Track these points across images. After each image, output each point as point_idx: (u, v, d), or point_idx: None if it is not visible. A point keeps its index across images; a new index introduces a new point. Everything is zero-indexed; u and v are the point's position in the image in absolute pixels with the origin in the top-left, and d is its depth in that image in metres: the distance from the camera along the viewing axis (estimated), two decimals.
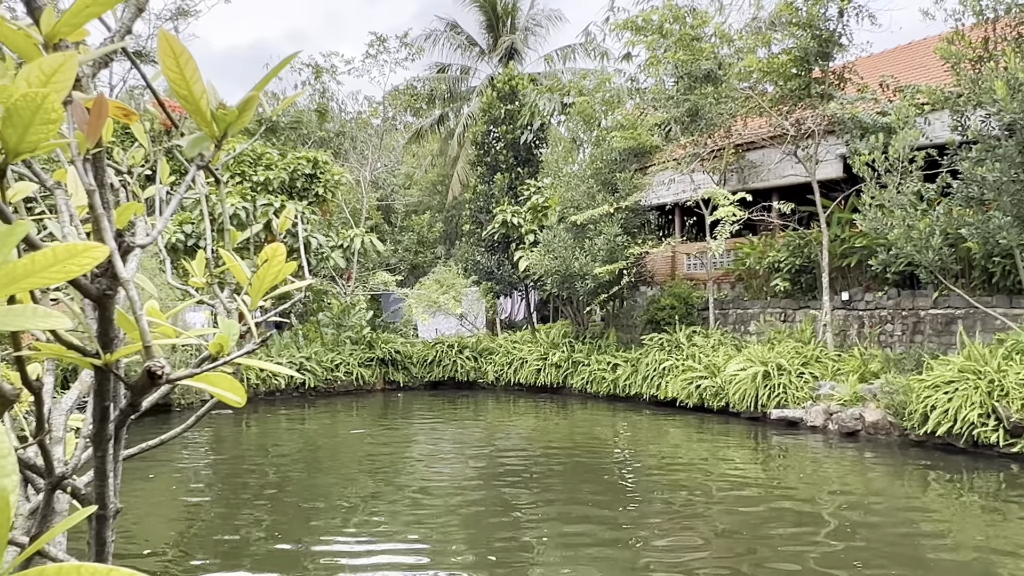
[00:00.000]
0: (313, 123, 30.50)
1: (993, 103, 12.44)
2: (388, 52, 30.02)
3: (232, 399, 1.05)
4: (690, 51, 17.40)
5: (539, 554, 7.77)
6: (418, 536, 8.39)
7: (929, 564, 7.31)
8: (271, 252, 1.29)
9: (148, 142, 1.64)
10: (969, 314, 14.18)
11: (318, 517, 9.21)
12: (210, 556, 7.79)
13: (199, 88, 1.01)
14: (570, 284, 19.68)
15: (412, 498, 10.15)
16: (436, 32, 34.66)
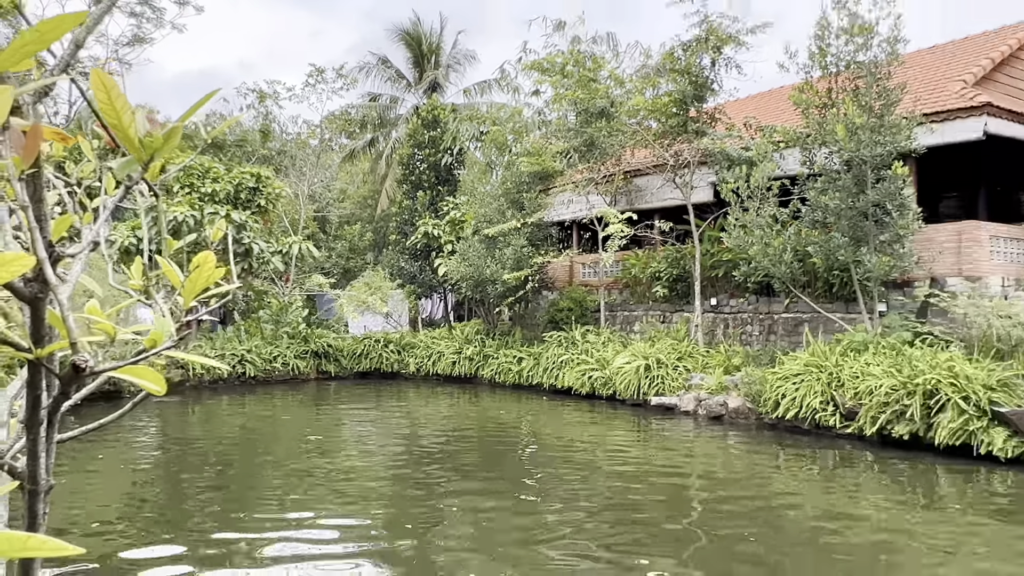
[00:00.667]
0: (257, 142, 29.73)
1: (835, 143, 12.85)
2: (325, 82, 29.49)
3: (154, 389, 1.03)
4: (587, 91, 17.57)
5: (450, 522, 7.73)
6: (345, 509, 8.24)
7: (778, 524, 7.54)
8: (201, 259, 1.25)
9: (95, 158, 1.59)
10: (814, 318, 14.65)
11: (255, 493, 8.96)
12: (154, 530, 7.51)
13: (128, 118, 0.99)
14: (482, 288, 19.66)
15: (341, 475, 9.98)
16: (369, 65, 34.20)
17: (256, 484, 9.45)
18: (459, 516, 7.95)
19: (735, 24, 15.51)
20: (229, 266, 1.65)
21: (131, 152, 1.03)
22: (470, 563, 6.42)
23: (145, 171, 1.06)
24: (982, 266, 13.27)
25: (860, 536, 7.13)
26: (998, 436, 9.81)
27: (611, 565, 6.33)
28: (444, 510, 8.20)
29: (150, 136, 1.03)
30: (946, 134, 13.61)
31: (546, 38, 18.70)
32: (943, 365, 10.66)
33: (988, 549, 6.77)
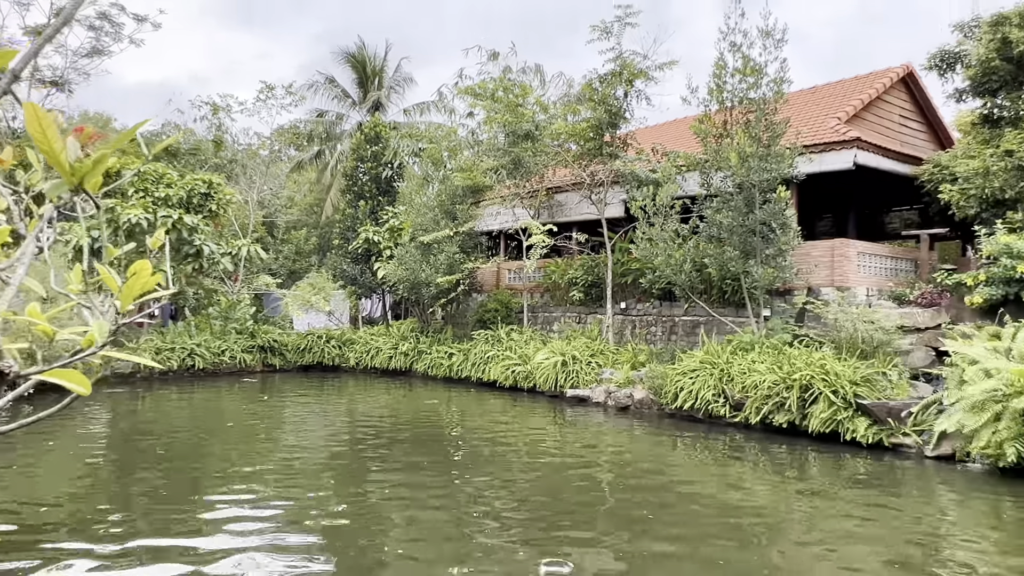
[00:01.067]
0: (210, 151, 28.87)
1: (729, 168, 13.29)
2: (275, 98, 28.84)
3: (79, 390, 1.06)
4: (515, 115, 17.70)
5: (382, 502, 7.71)
6: (286, 490, 8.13)
7: (674, 500, 7.77)
8: (138, 267, 1.26)
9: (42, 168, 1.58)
10: (709, 321, 15.09)
11: (200, 477, 8.76)
12: (104, 511, 7.27)
13: (59, 145, 1.02)
14: (418, 290, 19.58)
15: (282, 459, 9.83)
16: (317, 84, 33.65)
17: (199, 467, 9.23)
18: (388, 496, 7.93)
19: (645, 61, 15.89)
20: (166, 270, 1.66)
21: (63, 176, 1.06)
22: (397, 541, 6.44)
23: (76, 193, 1.09)
24: (850, 278, 13.92)
25: (744, 509, 7.42)
26: (861, 425, 10.33)
27: (527, 539, 6.43)
28: (375, 490, 8.17)
29: (80, 162, 1.05)
30: (823, 163, 14.24)
31: (480, 66, 18.77)
32: (817, 363, 11.16)
33: (848, 517, 7.14)
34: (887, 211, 20.94)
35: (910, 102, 18.43)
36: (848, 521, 7.12)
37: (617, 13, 15.48)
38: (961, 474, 8.88)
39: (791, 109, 15.07)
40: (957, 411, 9.15)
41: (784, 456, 10.08)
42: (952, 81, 15.37)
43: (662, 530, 6.75)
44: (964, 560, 6.05)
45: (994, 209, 13.36)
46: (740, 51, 13.44)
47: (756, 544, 6.39)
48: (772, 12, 13.29)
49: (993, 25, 13.52)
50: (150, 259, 1.37)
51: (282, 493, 7.95)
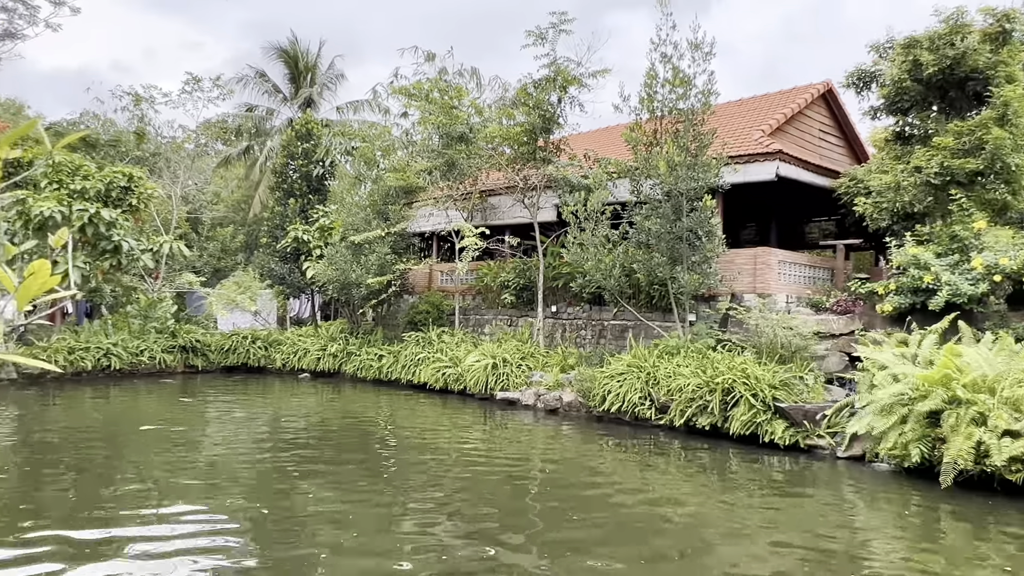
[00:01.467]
0: (131, 143, 27.76)
1: (658, 176, 13.57)
2: (202, 90, 27.98)
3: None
4: (449, 117, 17.67)
5: (308, 506, 7.56)
6: (206, 496, 7.88)
7: (598, 500, 7.88)
8: (36, 267, 1.21)
9: None
10: (637, 325, 15.38)
11: (115, 484, 8.41)
12: (10, 523, 6.89)
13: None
14: (348, 290, 19.31)
15: (203, 463, 9.53)
16: (247, 77, 32.79)
17: (112, 473, 8.86)
18: (313, 500, 7.79)
19: (579, 68, 16.09)
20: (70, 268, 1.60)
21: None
22: (321, 546, 6.33)
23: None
24: (772, 285, 14.42)
25: (666, 508, 7.59)
26: (779, 427, 10.70)
27: (456, 540, 6.41)
28: (300, 495, 8.00)
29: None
30: (747, 174, 14.71)
31: (416, 66, 18.65)
32: (738, 367, 11.50)
33: (764, 515, 7.40)
34: (807, 221, 21.79)
35: (829, 117, 19.24)
36: (764, 518, 7.37)
37: (552, 20, 15.65)
38: (870, 474, 9.31)
39: (718, 120, 15.51)
40: (867, 414, 9.58)
41: (706, 457, 10.35)
42: (868, 99, 16.13)
43: (586, 529, 6.84)
44: (872, 554, 6.35)
45: (904, 222, 14.06)
46: (670, 62, 13.76)
47: (678, 542, 6.54)
48: (701, 26, 13.70)
49: (905, 47, 14.25)
50: (53, 257, 1.32)
51: (201, 499, 7.70)
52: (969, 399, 8.45)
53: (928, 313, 11.65)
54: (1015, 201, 13.40)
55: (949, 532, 7.23)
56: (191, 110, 39.26)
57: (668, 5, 13.76)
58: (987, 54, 13.54)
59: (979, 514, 7.57)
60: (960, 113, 14.35)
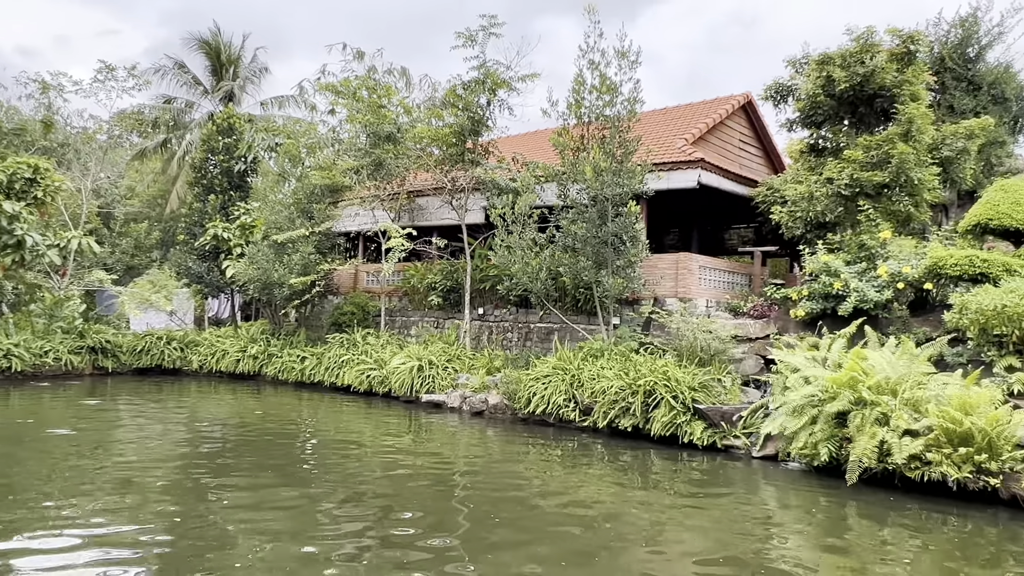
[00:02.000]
0: (38, 132, 26.34)
1: (584, 181, 13.76)
2: (116, 80, 26.77)
3: None
4: (377, 116, 17.47)
5: (224, 514, 7.33)
6: (113, 506, 7.54)
7: (522, 501, 7.93)
8: None
9: None
10: (562, 327, 15.55)
11: (12, 494, 7.94)
12: None
13: None
14: (270, 291, 18.83)
15: (110, 471, 9.11)
16: (165, 68, 31.56)
17: (7, 482, 8.37)
18: (230, 506, 7.56)
19: (508, 72, 16.16)
20: None
21: None
22: (238, 556, 6.15)
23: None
24: (692, 290, 14.83)
25: (587, 509, 7.70)
26: (697, 428, 11.01)
27: (379, 543, 6.34)
28: (216, 501, 7.76)
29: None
30: (671, 181, 15.07)
31: (345, 63, 18.36)
32: (660, 370, 11.77)
33: (682, 513, 7.60)
34: (727, 228, 22.50)
35: (749, 128, 19.93)
36: (681, 517, 7.57)
37: (482, 23, 15.67)
38: (782, 472, 9.68)
39: (643, 128, 15.84)
40: (780, 415, 9.96)
41: (628, 458, 10.55)
42: (784, 112, 16.80)
43: (510, 530, 6.87)
44: (783, 548, 6.60)
45: (817, 230, 14.69)
46: (598, 69, 13.97)
47: (598, 542, 6.64)
48: (628, 35, 13.94)
49: (820, 64, 14.90)
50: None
51: (107, 510, 7.36)
52: (873, 400, 8.89)
53: (838, 318, 12.20)
54: (918, 213, 14.19)
55: (854, 527, 7.58)
56: (104, 100, 37.46)
57: (596, 13, 13.99)
58: (894, 73, 14.28)
59: (881, 509, 7.97)
60: (869, 128, 15.10)
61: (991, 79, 18.42)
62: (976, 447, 8.01)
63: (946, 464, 8.06)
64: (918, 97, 14.42)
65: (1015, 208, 11.53)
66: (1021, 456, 7.94)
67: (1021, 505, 7.86)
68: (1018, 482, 7.89)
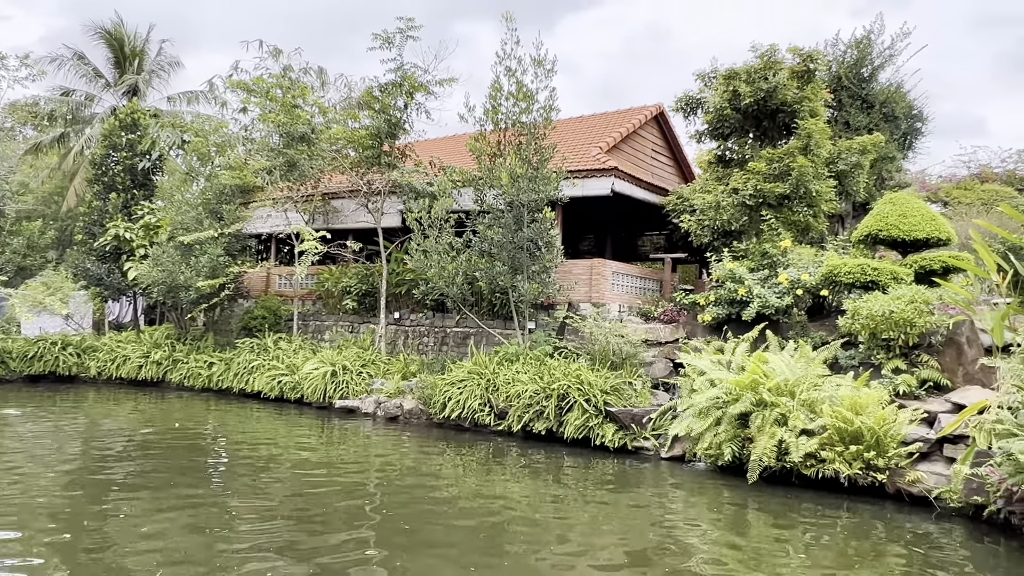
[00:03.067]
0: None
1: (500, 187, 13.88)
2: (7, 68, 25.19)
3: None
4: (290, 116, 17.09)
5: (124, 530, 7.00)
6: (9, 521, 7.09)
7: (440, 504, 7.91)
8: None
9: None
10: (478, 332, 15.60)
11: None
12: None
13: None
14: (175, 294, 18.10)
15: (3, 485, 8.56)
16: (62, 58, 29.87)
17: None
18: (131, 523, 7.23)
19: (426, 75, 16.12)
20: None
21: None
22: (139, 573, 5.90)
23: None
24: (606, 295, 15.14)
25: (501, 512, 7.75)
26: (609, 430, 11.25)
27: (290, 552, 6.19)
28: (114, 518, 7.40)
29: None
30: (585, 188, 15.37)
31: (260, 60, 17.83)
32: (573, 374, 11.98)
33: (593, 515, 7.75)
34: (639, 235, 23.07)
35: (661, 138, 20.53)
36: (592, 517, 7.72)
37: (399, 25, 15.58)
38: (689, 472, 10.01)
39: (559, 135, 16.10)
40: (687, 417, 10.30)
41: (541, 461, 10.68)
42: (694, 123, 17.36)
43: (421, 534, 6.84)
44: (687, 544, 6.83)
45: (724, 238, 15.26)
46: (515, 76, 14.13)
47: (510, 545, 6.70)
48: (544, 43, 14.15)
49: (727, 78, 15.49)
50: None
51: (5, 524, 6.92)
52: (773, 402, 9.31)
53: (742, 323, 12.71)
54: (816, 223, 14.95)
55: (753, 523, 7.92)
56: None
57: (513, 21, 14.16)
58: (795, 89, 15.01)
59: (780, 505, 8.36)
60: (772, 141, 15.81)
61: (883, 98, 19.60)
62: (866, 445, 8.51)
63: (839, 461, 8.53)
64: (816, 113, 15.21)
65: (902, 220, 12.30)
66: (905, 453, 8.49)
67: (905, 499, 8.39)
68: (902, 477, 8.42)
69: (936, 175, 25.56)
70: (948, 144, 53.79)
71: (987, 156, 25.07)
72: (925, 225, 12.21)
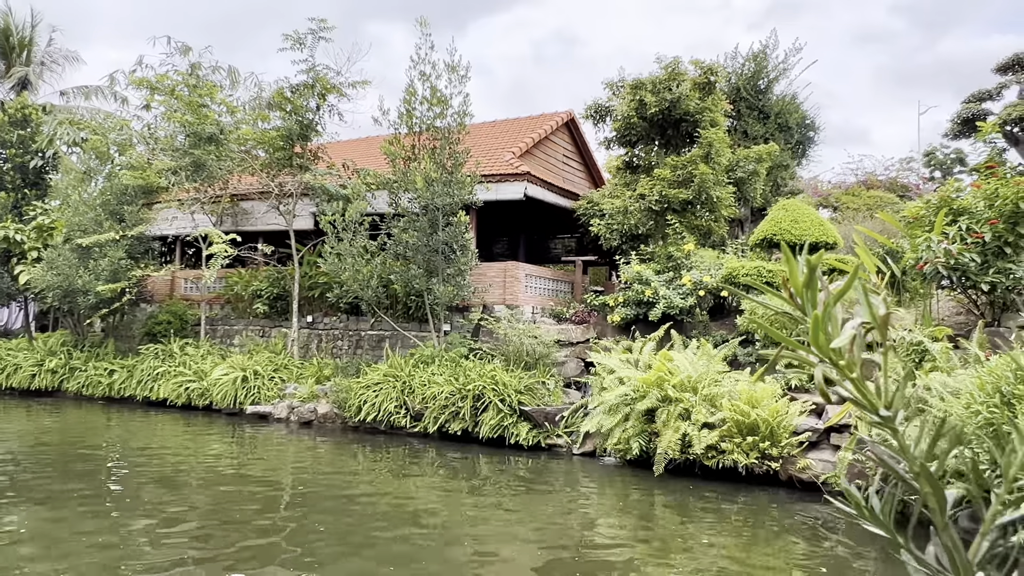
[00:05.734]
0: None
1: (415, 190, 13.96)
2: None
3: None
4: (197, 115, 16.61)
5: (12, 551, 6.73)
6: None
7: (351, 510, 7.95)
8: None
9: None
10: (394, 335, 15.61)
11: None
12: None
13: None
14: (72, 299, 17.26)
15: None
16: None
17: None
18: (19, 543, 6.96)
19: (339, 77, 16.02)
20: None
21: None
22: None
23: None
24: (520, 297, 15.44)
25: (420, 512, 7.87)
26: (523, 429, 11.53)
27: (199, 566, 6.12)
28: (10, 533, 7.10)
29: None
30: (499, 192, 15.63)
31: (167, 57, 17.20)
32: (488, 374, 12.20)
33: (508, 509, 7.98)
34: (552, 238, 23.55)
35: (572, 144, 21.06)
36: (507, 514, 7.95)
37: (311, 26, 15.42)
38: (600, 467, 10.39)
39: (473, 140, 16.30)
40: (598, 414, 10.69)
41: (458, 461, 10.84)
42: (603, 130, 17.92)
43: (336, 538, 6.89)
44: (596, 535, 7.15)
45: (632, 242, 15.84)
46: (429, 81, 14.24)
47: (427, 544, 6.84)
48: (458, 49, 14.29)
49: (633, 88, 16.09)
50: None
51: None
52: (677, 397, 9.80)
53: (649, 323, 13.26)
54: (717, 227, 15.73)
55: (659, 512, 8.34)
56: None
57: (427, 26, 14.26)
58: (697, 100, 15.75)
59: (684, 495, 8.82)
60: (676, 149, 16.52)
61: (778, 109, 20.77)
62: (761, 436, 9.09)
63: (737, 452, 9.07)
64: (717, 123, 15.99)
65: (794, 225, 13.14)
66: (796, 442, 9.12)
67: (796, 485, 9.01)
68: (794, 465, 9.04)
69: (827, 181, 27.28)
70: (837, 152, 57.33)
71: (872, 164, 26.91)
72: (814, 230, 13.08)
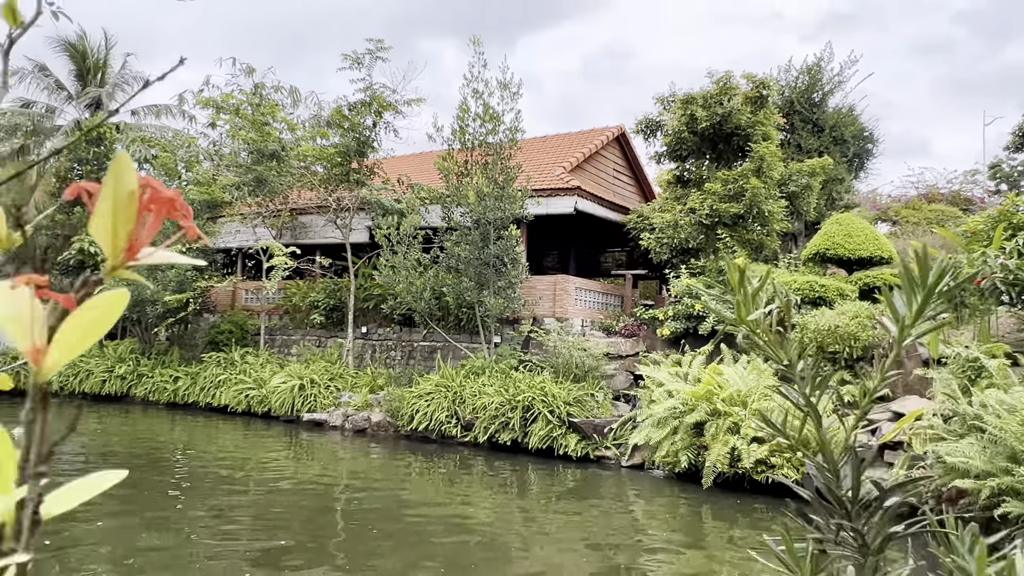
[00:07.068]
0: None
1: (467, 205, 14.27)
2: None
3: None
4: (260, 133, 17.29)
5: (85, 542, 7.15)
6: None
7: (404, 517, 8.19)
8: None
9: None
10: (445, 346, 15.88)
11: None
12: None
13: None
14: (141, 308, 18.08)
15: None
16: (24, 71, 29.61)
17: None
18: (93, 537, 7.39)
19: (395, 95, 16.49)
20: None
21: None
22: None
23: None
24: (569, 310, 15.58)
25: (470, 521, 8.07)
26: (572, 440, 11.64)
27: (259, 566, 6.43)
28: (80, 526, 7.54)
29: None
30: (550, 207, 15.82)
31: (232, 77, 17.97)
32: (538, 386, 12.35)
33: (558, 522, 8.11)
34: (602, 252, 23.63)
35: (622, 158, 21.15)
36: (557, 524, 8.08)
37: (369, 46, 15.93)
38: (648, 480, 10.43)
39: (524, 155, 16.55)
40: (646, 426, 10.74)
41: (507, 471, 11.01)
42: (654, 145, 17.97)
43: (390, 544, 7.12)
44: (646, 546, 7.22)
45: (682, 256, 15.84)
46: (481, 98, 14.56)
47: (479, 553, 7.02)
48: (510, 67, 14.60)
49: (684, 103, 16.13)
50: None
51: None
52: (726, 411, 9.80)
53: (699, 337, 13.24)
54: (769, 241, 15.61)
55: (707, 525, 8.35)
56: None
57: (481, 45, 14.61)
58: (748, 114, 15.70)
59: (732, 510, 8.81)
60: (728, 163, 16.47)
61: (832, 122, 20.52)
62: (812, 451, 9.00)
63: (787, 467, 9.02)
64: (769, 137, 15.91)
65: (847, 239, 12.99)
66: None
67: None
68: None
69: (886, 195, 26.69)
70: (898, 165, 55.88)
71: (934, 177, 26.24)
72: (869, 244, 12.91)
